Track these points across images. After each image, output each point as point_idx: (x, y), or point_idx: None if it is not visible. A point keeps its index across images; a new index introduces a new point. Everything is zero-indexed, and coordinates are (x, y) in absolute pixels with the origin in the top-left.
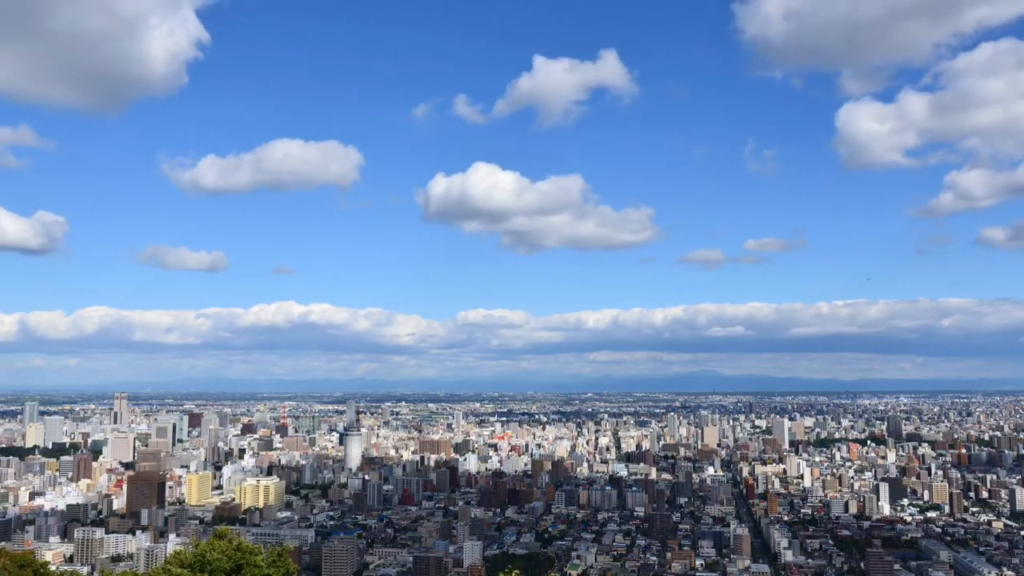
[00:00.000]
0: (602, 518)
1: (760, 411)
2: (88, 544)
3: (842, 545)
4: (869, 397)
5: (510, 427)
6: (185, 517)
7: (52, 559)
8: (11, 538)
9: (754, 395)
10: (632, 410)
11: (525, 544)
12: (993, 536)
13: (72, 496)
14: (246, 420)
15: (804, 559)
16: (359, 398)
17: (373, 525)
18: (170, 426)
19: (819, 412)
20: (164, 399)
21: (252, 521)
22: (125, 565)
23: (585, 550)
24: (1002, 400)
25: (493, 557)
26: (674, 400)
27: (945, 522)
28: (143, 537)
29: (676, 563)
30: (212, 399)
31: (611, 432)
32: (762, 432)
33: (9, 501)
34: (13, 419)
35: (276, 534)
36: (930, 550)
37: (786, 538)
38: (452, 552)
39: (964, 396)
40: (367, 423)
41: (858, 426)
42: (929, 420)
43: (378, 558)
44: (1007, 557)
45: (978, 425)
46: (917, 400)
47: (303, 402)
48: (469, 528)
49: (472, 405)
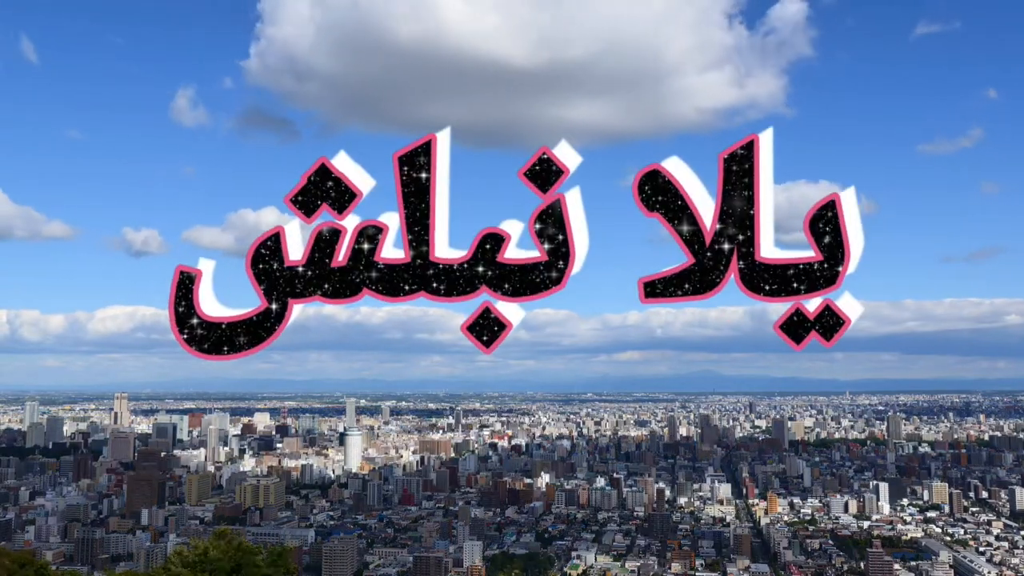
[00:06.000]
0: (602, 518)
1: (760, 411)
2: (88, 544)
3: (842, 545)
4: (869, 397)
5: (510, 427)
6: (185, 517)
7: (52, 559)
8: (11, 538)
9: (754, 395)
10: (632, 410)
11: (525, 544)
12: (993, 536)
13: (72, 496)
14: (246, 420)
15: (804, 559)
16: (359, 398)
17: (373, 525)
18: (170, 426)
19: (819, 412)
20: (164, 399)
21: (252, 521)
22: (125, 565)
23: (585, 550)
24: (1002, 400)
25: (493, 557)
26: (674, 400)
27: (945, 522)
28: (143, 537)
29: (676, 563)
30: (212, 399)
31: (611, 432)
32: (762, 432)
33: (9, 501)
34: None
35: (276, 534)
36: (930, 550)
37: (786, 538)
38: (452, 552)
39: (964, 396)
40: (367, 423)
41: (858, 426)
42: (929, 420)
43: (378, 558)
44: (1007, 557)
45: (978, 425)
46: (917, 400)
47: (303, 402)
48: (469, 528)
49: (472, 405)
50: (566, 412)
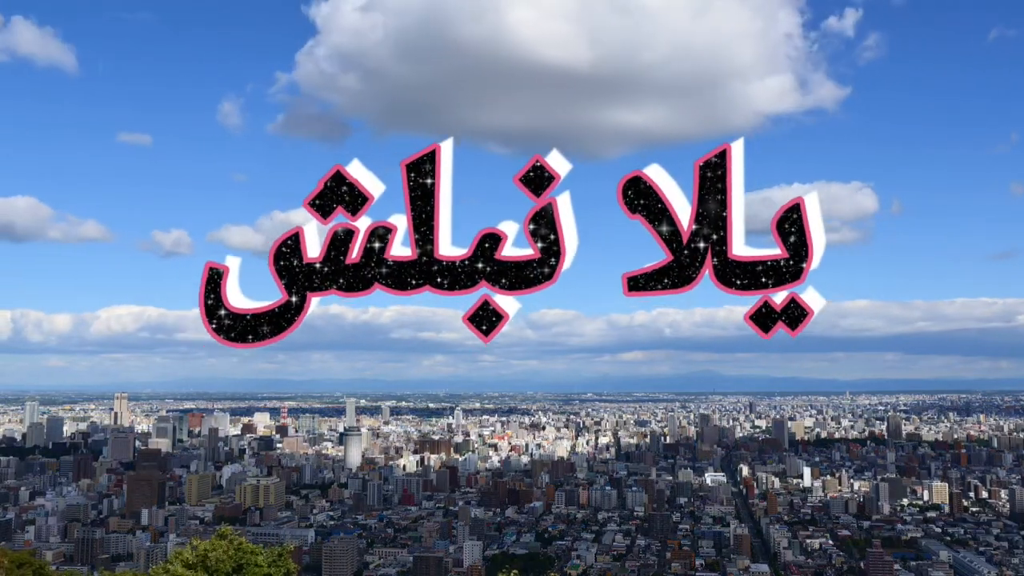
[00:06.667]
0: (602, 518)
1: (760, 411)
2: (88, 544)
3: (842, 545)
4: (869, 397)
5: (510, 427)
6: (185, 517)
7: (52, 559)
8: (11, 538)
9: (754, 395)
10: (632, 410)
11: (525, 544)
12: (993, 536)
13: (72, 496)
14: (246, 420)
15: (804, 559)
16: (359, 397)
17: (373, 525)
18: (170, 426)
19: (819, 412)
20: (164, 399)
21: (252, 521)
22: (125, 565)
23: (585, 550)
24: (1002, 400)
25: (493, 557)
26: (674, 400)
27: (945, 522)
28: (143, 537)
29: (676, 563)
30: (212, 399)
31: (611, 432)
32: (762, 432)
33: (9, 501)
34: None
35: (276, 534)
36: (930, 550)
37: (786, 538)
38: (452, 552)
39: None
40: (367, 423)
41: (858, 426)
42: (929, 420)
43: (378, 558)
44: (1007, 557)
45: (978, 425)
46: (917, 400)
47: (303, 402)
48: (469, 528)
49: (472, 405)
50: (566, 412)
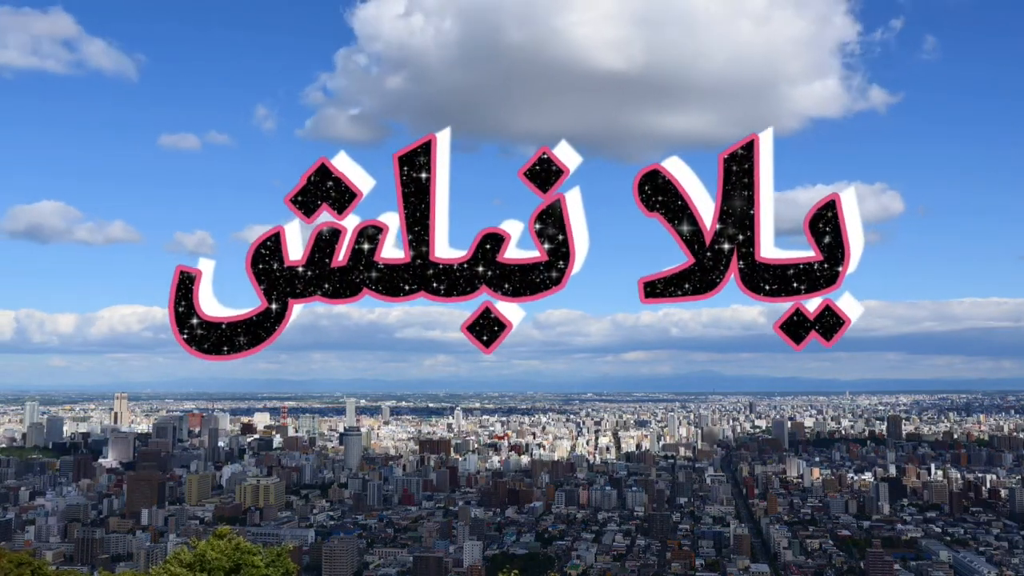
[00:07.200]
0: (602, 518)
1: (760, 411)
2: (88, 544)
3: (842, 545)
4: (869, 397)
5: (510, 427)
6: (185, 517)
7: (52, 559)
8: (11, 538)
9: (754, 395)
10: (632, 410)
11: (525, 544)
12: (993, 536)
13: (72, 496)
14: (246, 420)
15: (804, 559)
16: (359, 397)
17: (373, 525)
18: (170, 426)
19: (819, 412)
20: (164, 399)
21: (252, 521)
22: (125, 565)
23: (585, 550)
24: (1003, 399)
25: (493, 557)
26: (674, 400)
27: (945, 522)
28: (143, 537)
29: (676, 563)
30: (213, 399)
31: (611, 432)
32: (762, 432)
33: (9, 501)
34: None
35: (276, 534)
36: (930, 550)
37: (786, 538)
38: (452, 552)
39: (965, 396)
40: (367, 423)
41: (858, 426)
42: (929, 420)
43: (378, 558)
44: (1007, 557)
45: (978, 425)
46: (918, 400)
47: (303, 402)
48: (469, 528)
49: (472, 405)
50: (567, 412)
